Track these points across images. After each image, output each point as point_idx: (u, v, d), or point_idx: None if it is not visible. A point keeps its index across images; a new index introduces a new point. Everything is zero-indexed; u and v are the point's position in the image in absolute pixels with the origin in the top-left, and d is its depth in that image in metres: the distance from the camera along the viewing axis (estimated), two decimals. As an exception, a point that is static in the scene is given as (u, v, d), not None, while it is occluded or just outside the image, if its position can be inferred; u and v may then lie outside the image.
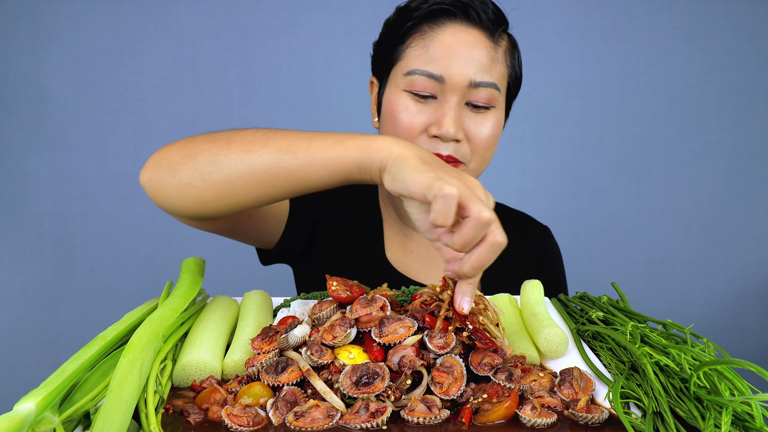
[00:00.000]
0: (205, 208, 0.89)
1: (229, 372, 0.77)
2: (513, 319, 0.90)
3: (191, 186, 0.86)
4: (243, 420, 0.64)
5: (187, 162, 0.86)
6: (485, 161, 1.15)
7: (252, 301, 0.94)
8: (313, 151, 0.82)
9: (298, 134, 0.85)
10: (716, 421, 0.60)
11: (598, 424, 0.65)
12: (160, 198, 0.90)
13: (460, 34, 1.08)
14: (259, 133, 0.86)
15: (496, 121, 1.11)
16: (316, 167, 0.82)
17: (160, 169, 0.89)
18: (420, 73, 1.07)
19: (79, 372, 0.65)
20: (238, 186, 0.85)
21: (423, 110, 1.07)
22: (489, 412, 0.66)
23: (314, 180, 0.83)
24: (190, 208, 0.89)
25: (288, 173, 0.83)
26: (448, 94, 1.07)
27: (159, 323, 0.74)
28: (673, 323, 0.83)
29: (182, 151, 0.88)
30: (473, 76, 1.06)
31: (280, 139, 0.84)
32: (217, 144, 0.86)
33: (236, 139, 0.86)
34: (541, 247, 1.34)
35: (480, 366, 0.72)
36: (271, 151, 0.83)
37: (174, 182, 0.87)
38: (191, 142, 0.89)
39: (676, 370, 0.69)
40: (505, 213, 1.35)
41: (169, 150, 0.90)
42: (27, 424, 0.54)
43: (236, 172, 0.84)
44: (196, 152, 0.87)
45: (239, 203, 0.88)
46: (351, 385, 0.67)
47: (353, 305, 0.77)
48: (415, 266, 1.25)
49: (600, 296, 0.99)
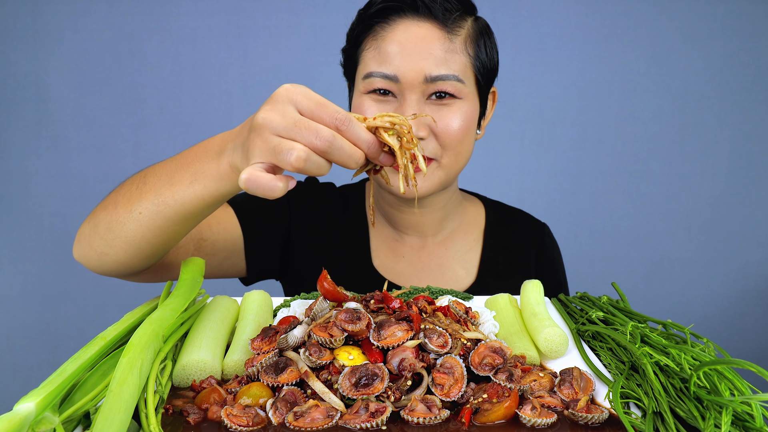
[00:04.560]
0: (128, 267, 0.93)
1: (228, 372, 0.77)
2: (513, 319, 0.90)
3: (105, 254, 0.92)
4: (243, 420, 0.64)
5: (93, 234, 0.92)
6: (460, 155, 1.11)
7: (252, 301, 0.94)
8: (178, 195, 0.83)
9: (160, 176, 0.86)
10: (716, 421, 0.60)
11: (598, 424, 0.65)
12: (91, 268, 0.97)
13: (410, 30, 1.05)
14: (134, 187, 0.89)
15: (463, 113, 1.07)
16: (190, 206, 0.84)
17: (80, 245, 0.95)
18: (375, 75, 1.05)
19: (79, 372, 0.65)
20: (139, 242, 0.89)
21: (384, 109, 1.06)
22: (489, 412, 0.66)
23: (199, 212, 0.86)
24: (116, 270, 0.94)
25: (171, 219, 0.86)
26: (406, 92, 1.04)
27: (159, 323, 0.74)
28: (673, 323, 0.83)
29: (89, 223, 0.93)
30: (428, 71, 1.03)
31: (149, 189, 0.87)
32: (108, 210, 0.90)
33: (119, 201, 0.89)
34: (540, 246, 1.32)
35: (480, 366, 0.72)
36: (146, 205, 0.86)
37: (92, 253, 0.93)
38: (94, 213, 0.94)
39: (676, 370, 0.69)
40: (501, 211, 1.34)
41: (83, 225, 0.96)
42: (27, 424, 0.54)
43: (130, 232, 0.88)
44: (96, 223, 0.92)
45: (153, 252, 0.92)
46: (350, 386, 0.67)
47: (338, 314, 0.75)
48: (407, 271, 1.23)
49: (600, 296, 0.99)
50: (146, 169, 0.92)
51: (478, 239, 1.28)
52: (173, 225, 0.87)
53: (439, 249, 1.26)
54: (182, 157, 0.85)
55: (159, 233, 0.87)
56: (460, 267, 1.25)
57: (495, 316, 0.91)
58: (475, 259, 1.26)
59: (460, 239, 1.28)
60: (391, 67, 1.04)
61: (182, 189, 0.82)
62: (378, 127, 0.73)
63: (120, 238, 0.89)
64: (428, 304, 0.84)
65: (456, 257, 1.26)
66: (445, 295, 1.00)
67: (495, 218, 1.32)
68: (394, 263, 1.24)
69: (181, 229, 0.89)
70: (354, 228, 1.26)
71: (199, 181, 0.81)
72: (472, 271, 1.25)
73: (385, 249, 1.25)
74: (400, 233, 1.25)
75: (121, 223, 0.88)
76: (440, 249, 1.26)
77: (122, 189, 0.91)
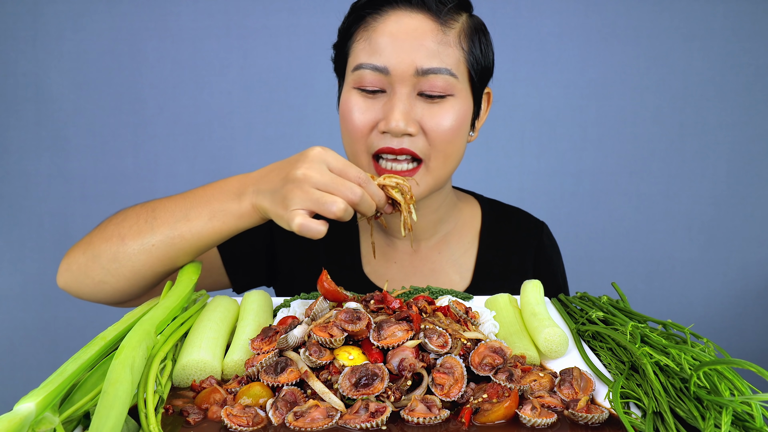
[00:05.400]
0: (124, 294, 0.98)
1: (228, 372, 0.77)
2: (513, 319, 0.90)
3: (104, 282, 0.96)
4: (242, 420, 0.64)
5: (93, 263, 0.95)
6: (449, 157, 1.06)
7: (252, 301, 0.94)
8: (196, 230, 0.91)
9: (173, 211, 0.92)
10: (716, 421, 0.60)
11: (598, 424, 0.65)
12: (81, 296, 1.00)
13: (402, 21, 1.01)
14: (141, 220, 0.94)
15: (455, 111, 1.03)
16: (207, 240, 0.92)
17: (71, 273, 0.99)
18: (365, 66, 1.02)
19: (79, 372, 0.65)
20: (144, 271, 0.94)
21: (372, 106, 1.03)
22: (489, 412, 0.66)
23: (213, 244, 0.93)
24: (110, 298, 0.99)
25: (185, 251, 0.93)
26: (396, 85, 1.01)
27: (150, 322, 0.74)
28: (673, 323, 0.83)
29: (86, 253, 0.96)
30: (420, 63, 0.99)
31: (162, 224, 0.92)
32: (112, 242, 0.94)
33: (126, 234, 0.94)
34: (539, 247, 1.29)
35: (480, 366, 0.72)
36: (160, 238, 0.92)
37: (89, 282, 0.97)
38: (89, 243, 0.97)
39: (676, 370, 0.69)
40: (498, 210, 1.31)
41: (75, 254, 0.99)
42: (27, 424, 0.54)
43: (139, 262, 0.93)
44: (97, 253, 0.95)
45: (155, 281, 0.97)
46: (350, 386, 0.67)
47: (338, 314, 0.76)
48: (398, 277, 1.20)
49: (600, 296, 0.99)
50: (150, 204, 0.97)
51: (473, 241, 1.25)
52: (185, 256, 0.93)
53: (432, 253, 1.22)
54: (196, 195, 0.93)
55: (168, 263, 0.94)
56: (454, 271, 1.22)
57: (495, 316, 0.91)
58: (470, 263, 1.23)
59: (454, 242, 1.24)
60: (382, 58, 1.00)
61: (200, 224, 0.90)
62: (386, 185, 0.92)
63: (126, 268, 0.94)
64: (428, 304, 0.84)
65: (450, 261, 1.22)
66: (445, 295, 1.00)
67: (491, 218, 1.28)
68: (385, 269, 1.21)
69: (191, 258, 0.95)
70: (344, 233, 1.23)
71: (218, 218, 0.90)
72: (466, 275, 1.22)
73: (378, 255, 1.22)
74: (391, 238, 1.22)
75: (129, 254, 0.93)
76: (433, 253, 1.23)
77: (126, 222, 0.96)
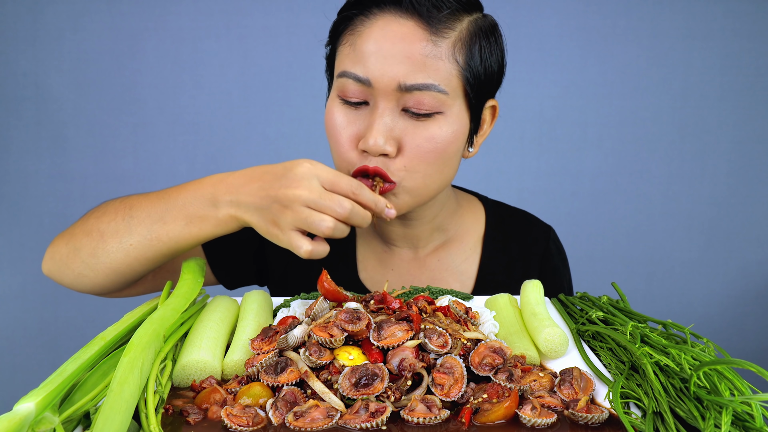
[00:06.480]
0: (103, 288, 0.99)
1: (228, 372, 0.77)
2: (513, 319, 0.90)
3: (83, 275, 0.96)
4: (243, 420, 0.64)
5: (74, 256, 0.96)
6: (428, 178, 0.95)
7: (252, 301, 0.93)
8: (173, 234, 0.90)
9: (149, 212, 0.91)
10: (716, 421, 0.60)
11: (598, 424, 0.65)
12: (64, 284, 1.01)
13: (389, 27, 0.90)
14: (119, 217, 0.93)
15: (442, 131, 0.92)
16: (184, 244, 0.91)
17: (54, 263, 0.99)
18: (348, 75, 0.92)
19: (79, 372, 0.65)
20: (123, 269, 0.94)
21: (354, 120, 0.94)
22: (489, 412, 0.66)
23: (191, 247, 0.92)
24: (91, 290, 0.99)
25: (162, 253, 0.92)
26: (378, 99, 0.91)
27: (160, 323, 0.74)
28: (673, 323, 0.83)
29: (68, 245, 0.97)
30: (403, 79, 0.88)
31: (138, 224, 0.91)
32: (92, 237, 0.94)
33: (105, 231, 0.93)
34: (544, 254, 1.22)
35: (480, 366, 0.72)
36: (138, 239, 0.91)
37: (69, 273, 0.98)
38: (72, 235, 0.98)
39: (676, 370, 0.69)
40: (503, 213, 1.25)
41: (58, 244, 0.99)
42: (27, 424, 0.54)
43: (117, 260, 0.93)
44: (78, 247, 0.95)
45: (133, 278, 0.97)
46: (350, 386, 0.67)
47: (338, 314, 0.76)
48: (396, 284, 1.15)
49: (600, 296, 0.99)
50: (128, 199, 0.96)
51: (475, 248, 1.19)
52: (163, 257, 0.93)
53: (431, 260, 1.16)
54: (170, 197, 0.90)
55: (146, 263, 0.93)
56: (454, 279, 1.16)
57: (495, 316, 0.91)
58: (472, 270, 1.17)
59: (455, 249, 1.17)
60: (364, 68, 0.90)
61: (177, 229, 0.89)
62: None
63: (104, 265, 0.94)
64: (428, 304, 0.84)
65: (450, 269, 1.16)
66: (445, 295, 1.00)
67: (495, 222, 1.21)
68: (381, 276, 1.16)
69: (171, 259, 0.95)
70: (337, 240, 1.21)
71: (195, 224, 0.88)
72: (468, 283, 1.16)
73: (373, 261, 1.17)
74: (389, 245, 1.17)
75: (108, 252, 0.93)
76: (433, 260, 1.16)
77: (105, 217, 0.95)
